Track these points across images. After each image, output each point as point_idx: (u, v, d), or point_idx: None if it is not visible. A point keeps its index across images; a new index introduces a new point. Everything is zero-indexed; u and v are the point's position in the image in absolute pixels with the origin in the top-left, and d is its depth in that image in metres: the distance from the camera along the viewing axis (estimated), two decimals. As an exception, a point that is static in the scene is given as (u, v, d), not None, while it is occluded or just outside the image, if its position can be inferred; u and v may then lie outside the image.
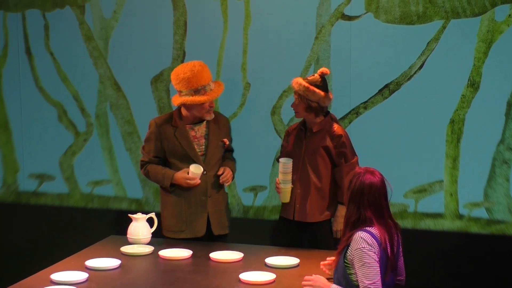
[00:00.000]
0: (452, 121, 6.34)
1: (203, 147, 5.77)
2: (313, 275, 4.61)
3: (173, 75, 5.68)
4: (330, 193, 5.80)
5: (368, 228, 4.44)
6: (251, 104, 6.71)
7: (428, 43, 6.31)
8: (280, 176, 5.73)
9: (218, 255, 5.28)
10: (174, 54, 6.80)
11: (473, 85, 6.27)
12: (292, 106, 5.79)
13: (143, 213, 5.71)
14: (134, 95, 6.89)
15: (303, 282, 4.60)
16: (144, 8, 6.83)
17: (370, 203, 4.47)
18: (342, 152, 5.74)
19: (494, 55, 6.21)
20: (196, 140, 5.77)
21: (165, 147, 5.77)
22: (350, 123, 6.51)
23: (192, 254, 5.35)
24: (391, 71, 6.42)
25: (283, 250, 5.44)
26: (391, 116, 6.45)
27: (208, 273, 5.05)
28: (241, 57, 6.68)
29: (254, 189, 6.76)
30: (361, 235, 4.41)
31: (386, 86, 6.43)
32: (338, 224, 5.74)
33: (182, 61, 6.76)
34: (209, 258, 5.27)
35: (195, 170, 5.64)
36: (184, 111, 5.74)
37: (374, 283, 4.35)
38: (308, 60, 6.51)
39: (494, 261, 6.37)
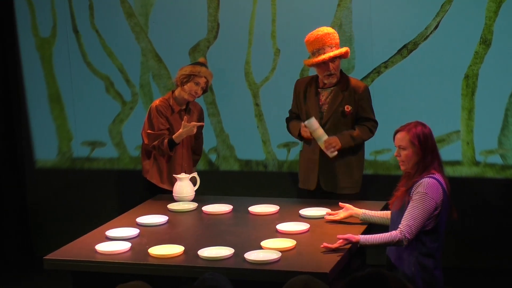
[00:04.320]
0: (466, 76, 6.35)
1: None
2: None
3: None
4: None
5: (436, 176, 4.41)
6: (281, 69, 6.73)
7: (442, 5, 6.31)
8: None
9: (256, 209, 5.31)
10: (209, 26, 6.81)
11: (485, 42, 6.28)
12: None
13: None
14: (174, 65, 6.78)
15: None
16: (180, -15, 6.85)
17: (437, 147, 4.51)
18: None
19: (504, 14, 6.20)
20: None
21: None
22: (372, 81, 6.53)
23: (233, 209, 5.38)
24: (408, 32, 6.42)
25: (315, 202, 5.43)
26: (410, 73, 6.46)
27: (248, 225, 5.10)
28: (270, 26, 6.69)
29: (287, 145, 6.80)
30: (429, 182, 4.38)
31: (405, 46, 6.44)
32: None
33: (217, 32, 6.78)
34: (248, 211, 5.30)
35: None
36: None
37: (410, 226, 4.33)
38: (332, 26, 6.44)
39: (509, 203, 6.41)
